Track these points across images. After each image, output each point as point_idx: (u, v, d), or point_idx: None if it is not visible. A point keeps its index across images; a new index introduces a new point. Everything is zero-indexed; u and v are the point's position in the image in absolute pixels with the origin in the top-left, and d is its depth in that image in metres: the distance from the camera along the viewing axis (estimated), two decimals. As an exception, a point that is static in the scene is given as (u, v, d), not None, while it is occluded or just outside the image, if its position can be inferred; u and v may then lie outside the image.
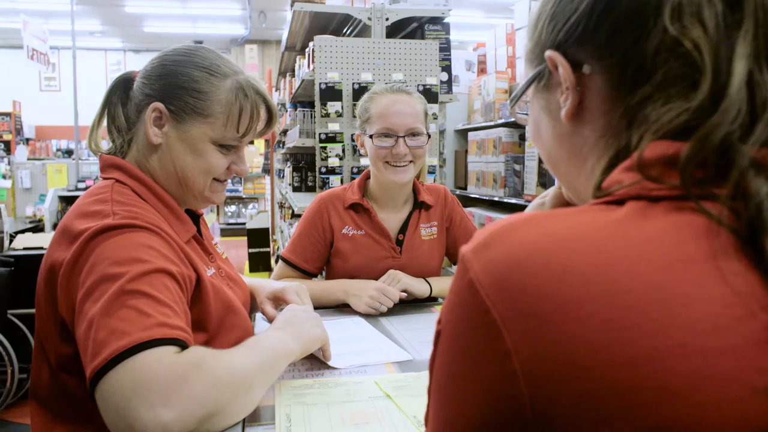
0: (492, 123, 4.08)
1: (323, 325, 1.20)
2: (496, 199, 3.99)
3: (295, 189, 4.15)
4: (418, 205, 1.82)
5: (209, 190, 1.16)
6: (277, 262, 5.36)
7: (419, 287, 1.68)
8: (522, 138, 3.90)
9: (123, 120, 1.14)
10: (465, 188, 4.53)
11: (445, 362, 0.52)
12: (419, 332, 1.46)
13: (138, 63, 13.94)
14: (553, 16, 0.61)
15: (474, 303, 0.47)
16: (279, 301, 1.36)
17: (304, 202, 3.32)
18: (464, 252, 0.51)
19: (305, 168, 4.13)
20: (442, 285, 1.74)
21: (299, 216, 4.17)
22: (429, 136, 1.72)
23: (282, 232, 5.35)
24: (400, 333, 1.45)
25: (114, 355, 0.80)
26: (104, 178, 1.11)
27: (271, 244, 6.53)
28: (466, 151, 4.56)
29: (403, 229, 1.79)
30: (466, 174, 4.54)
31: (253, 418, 0.97)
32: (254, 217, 6.74)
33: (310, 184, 4.09)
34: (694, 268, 0.43)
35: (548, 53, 0.60)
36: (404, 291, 1.65)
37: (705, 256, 0.43)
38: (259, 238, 6.53)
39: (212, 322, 1.07)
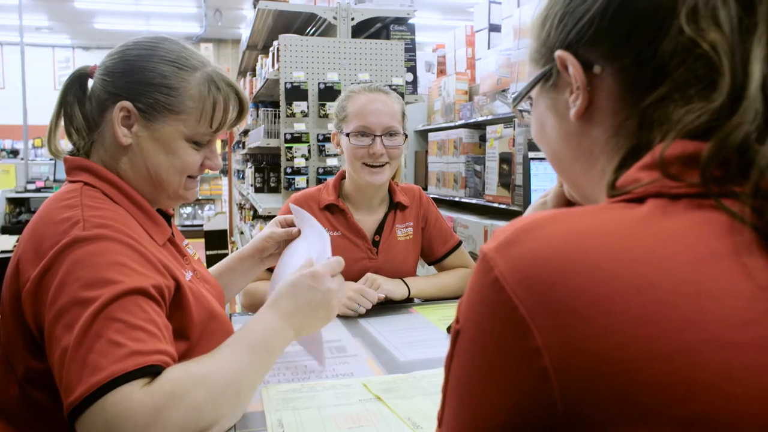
0: (452, 124, 4.11)
1: (336, 308, 1.12)
2: (456, 199, 4.02)
3: (258, 190, 4.10)
4: (394, 206, 1.82)
5: (183, 188, 1.11)
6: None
7: (398, 291, 1.67)
8: (482, 139, 3.93)
9: (82, 120, 1.07)
10: (425, 189, 4.55)
11: (466, 361, 0.51)
12: (401, 333, 1.46)
13: (88, 61, 13.38)
14: (562, 16, 0.61)
15: (500, 301, 0.47)
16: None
17: (268, 203, 3.28)
18: (486, 250, 0.51)
19: (267, 169, 4.09)
20: (419, 286, 1.74)
21: (262, 217, 4.12)
22: (406, 136, 1.72)
23: (242, 233, 5.28)
24: (382, 334, 1.44)
25: (87, 394, 0.78)
26: (71, 181, 1.04)
27: (230, 246, 6.43)
28: (426, 152, 4.58)
29: (379, 229, 1.79)
30: (426, 174, 4.56)
31: (243, 424, 0.95)
32: (212, 219, 6.61)
33: (272, 184, 4.05)
34: (719, 264, 0.44)
35: (559, 53, 0.60)
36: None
37: (728, 252, 0.44)
38: (216, 239, 6.42)
39: (195, 329, 1.02)
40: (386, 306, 1.67)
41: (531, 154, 1.50)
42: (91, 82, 1.10)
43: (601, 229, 0.48)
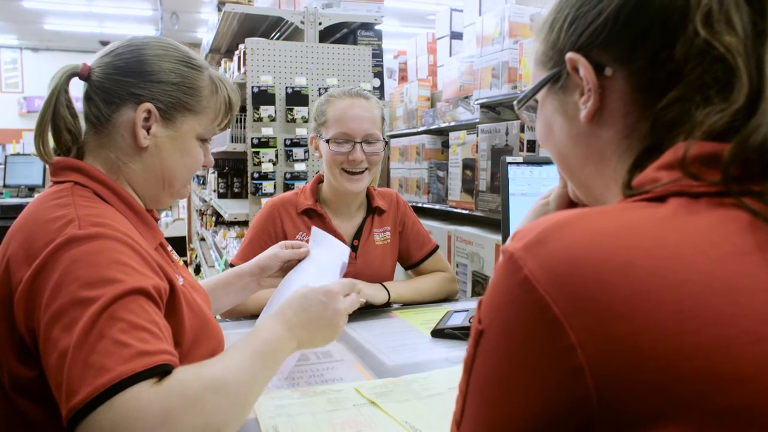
0: (414, 130, 4.12)
1: (341, 330, 1.10)
2: (419, 205, 4.03)
3: (221, 195, 4.04)
4: (372, 211, 1.81)
5: (185, 185, 1.12)
6: (196, 272, 5.20)
7: (378, 295, 1.66)
8: (445, 145, 3.96)
9: (72, 121, 1.03)
10: (389, 194, 4.53)
11: (492, 361, 0.51)
12: (385, 337, 1.45)
13: (37, 62, 13.17)
14: (573, 19, 0.62)
15: (531, 300, 0.47)
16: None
17: (233, 208, 3.23)
18: (513, 250, 0.51)
19: (231, 174, 4.03)
20: (398, 290, 1.73)
21: (225, 223, 4.06)
22: (386, 143, 1.71)
23: (203, 240, 5.18)
24: (366, 339, 1.44)
25: (93, 396, 0.73)
26: (58, 182, 1.00)
27: (189, 253, 6.30)
28: (388, 158, 4.58)
29: (358, 234, 1.78)
30: (389, 180, 4.57)
31: (236, 432, 0.92)
32: (170, 225, 6.48)
33: (236, 190, 3.99)
34: (747, 260, 0.45)
35: (570, 55, 0.61)
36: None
37: (753, 248, 0.46)
38: (175, 246, 6.30)
39: (187, 336, 0.99)
40: (366, 311, 1.65)
41: (509, 159, 1.51)
42: (75, 81, 1.05)
43: (630, 227, 0.48)
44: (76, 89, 1.07)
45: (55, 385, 0.78)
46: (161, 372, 0.78)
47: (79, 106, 1.06)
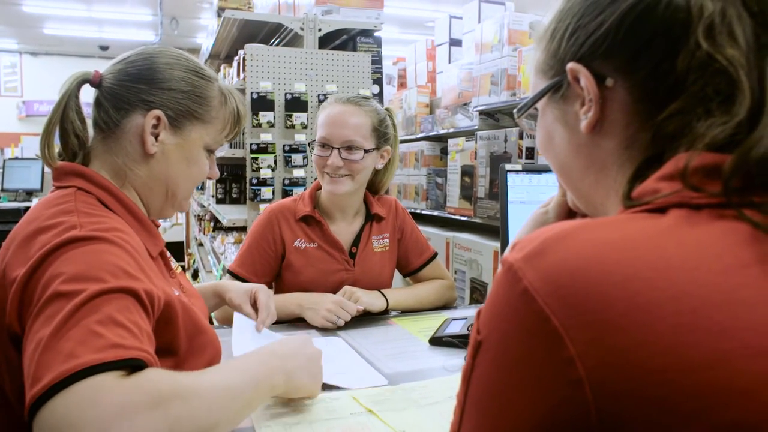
0: (413, 136, 4.13)
1: (322, 378, 1.08)
2: (418, 211, 4.03)
3: (219, 201, 4.04)
4: (371, 218, 1.81)
5: (188, 197, 1.13)
6: (194, 277, 5.19)
7: (377, 303, 1.65)
8: (444, 152, 3.96)
9: (81, 126, 1.03)
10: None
11: (490, 372, 0.51)
12: (383, 345, 1.45)
13: (36, 66, 13.20)
14: (574, 29, 0.61)
15: (530, 311, 0.47)
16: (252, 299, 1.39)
17: (232, 214, 3.23)
18: (512, 261, 0.50)
19: (229, 179, 4.03)
20: (396, 297, 1.73)
21: (224, 229, 4.05)
22: (366, 151, 1.67)
23: (201, 245, 5.18)
24: (364, 347, 1.43)
25: (55, 382, 0.69)
26: (61, 187, 0.99)
27: (186, 258, 6.29)
28: (388, 164, 4.58)
29: (356, 241, 1.77)
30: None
31: (232, 440, 0.91)
32: (168, 230, 6.48)
33: (234, 195, 3.99)
34: (749, 272, 0.45)
35: (571, 65, 0.61)
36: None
37: (754, 260, 0.46)
38: (172, 252, 6.29)
39: (182, 345, 0.98)
40: (364, 318, 1.65)
41: (508, 167, 1.51)
42: (87, 88, 1.06)
43: (631, 238, 0.48)
44: (86, 97, 1.07)
45: (26, 376, 0.74)
46: (132, 366, 0.75)
47: (88, 111, 1.06)
